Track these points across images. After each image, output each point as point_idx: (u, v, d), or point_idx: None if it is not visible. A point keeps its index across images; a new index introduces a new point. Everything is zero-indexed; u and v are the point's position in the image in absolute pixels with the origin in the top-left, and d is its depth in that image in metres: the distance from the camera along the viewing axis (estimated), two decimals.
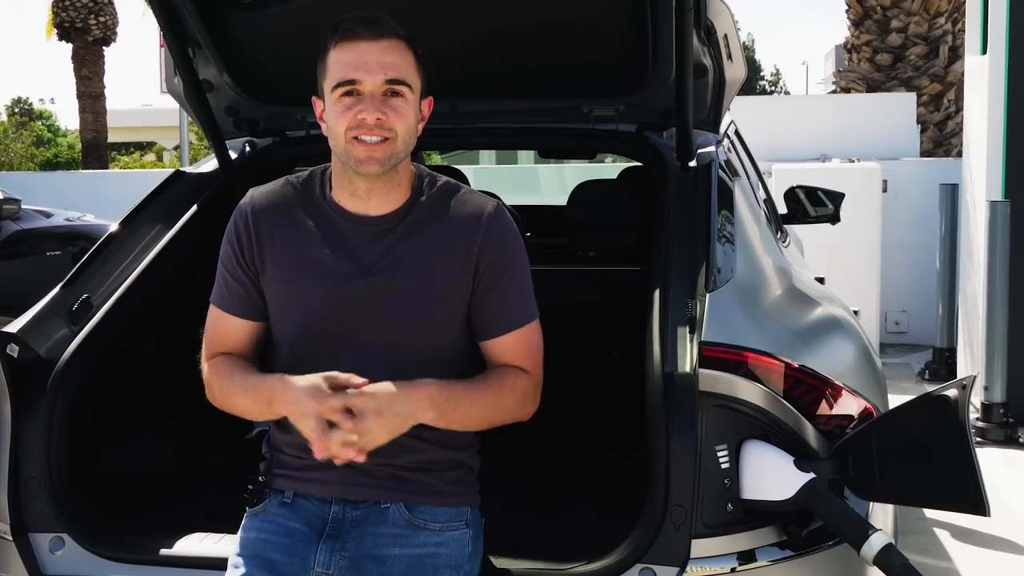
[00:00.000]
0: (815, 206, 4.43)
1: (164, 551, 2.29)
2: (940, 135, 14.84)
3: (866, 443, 2.17)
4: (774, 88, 47.66)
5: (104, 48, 18.53)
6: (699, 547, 2.08)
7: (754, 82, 42.56)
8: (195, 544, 2.31)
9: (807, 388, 2.27)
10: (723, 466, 2.09)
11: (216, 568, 2.10)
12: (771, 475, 2.10)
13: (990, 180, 6.18)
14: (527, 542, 2.32)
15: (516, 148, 11.60)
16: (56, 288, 2.64)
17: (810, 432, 2.19)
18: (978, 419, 5.91)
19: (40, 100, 57.07)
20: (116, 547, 2.31)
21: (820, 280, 3.44)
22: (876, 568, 2.04)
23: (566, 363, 2.49)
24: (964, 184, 7.00)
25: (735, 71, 3.09)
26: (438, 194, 2.08)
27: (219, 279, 2.11)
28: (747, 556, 2.12)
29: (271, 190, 2.11)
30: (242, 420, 2.12)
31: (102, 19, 18.16)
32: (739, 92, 3.28)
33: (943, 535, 4.38)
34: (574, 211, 3.63)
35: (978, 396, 5.93)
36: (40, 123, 38.80)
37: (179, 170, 3.25)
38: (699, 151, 2.90)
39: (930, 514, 4.50)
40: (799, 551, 2.15)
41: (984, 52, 6.35)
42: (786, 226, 4.23)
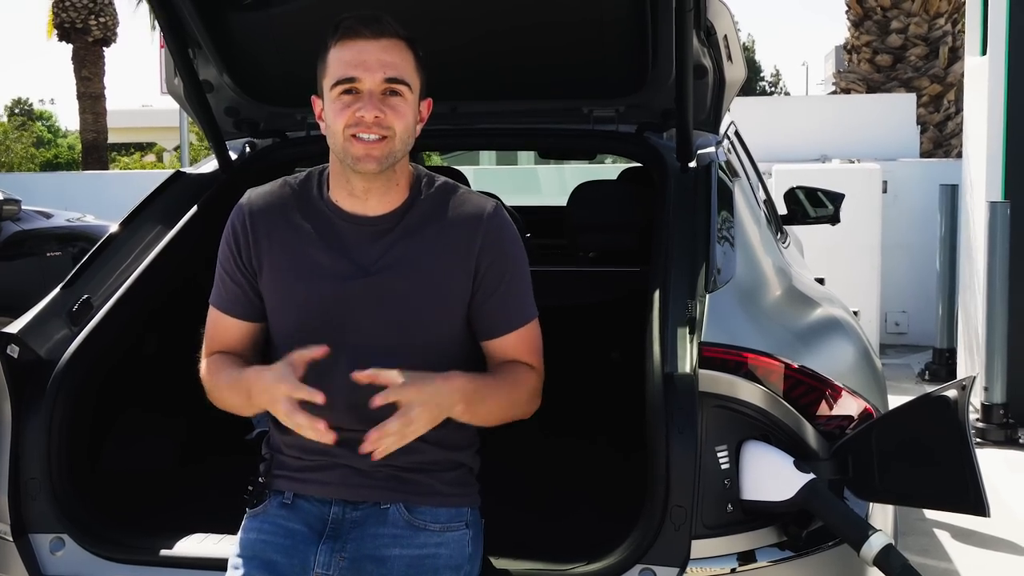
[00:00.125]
0: (815, 207, 4.42)
1: (164, 552, 2.29)
2: (940, 136, 14.84)
3: (866, 444, 2.17)
4: (774, 89, 47.67)
5: (104, 49, 18.53)
6: (699, 548, 2.08)
7: (754, 83, 42.56)
8: (195, 545, 2.31)
9: (807, 389, 2.27)
10: (723, 467, 2.09)
11: (216, 569, 2.10)
12: (771, 476, 2.10)
13: (990, 181, 6.18)
14: (527, 543, 2.32)
15: (516, 149, 11.65)
16: (56, 289, 2.64)
17: (810, 433, 2.19)
18: (978, 420, 5.91)
19: (40, 101, 57.09)
20: (116, 548, 2.31)
21: (820, 281, 3.44)
22: (876, 569, 2.04)
23: (566, 364, 2.49)
24: (964, 185, 7.00)
25: (735, 72, 3.09)
26: (436, 194, 2.08)
27: (217, 280, 2.11)
28: (747, 557, 2.12)
29: (268, 191, 2.11)
30: (242, 421, 2.12)
31: (102, 20, 18.16)
32: (739, 93, 3.29)
33: (943, 536, 4.38)
34: (574, 212, 3.64)
35: (978, 397, 5.93)
36: (40, 124, 38.80)
37: (179, 171, 3.25)
38: (699, 152, 2.90)
39: (930, 515, 4.50)
40: (799, 552, 2.15)
41: (984, 53, 6.35)
42: (786, 227, 4.22)
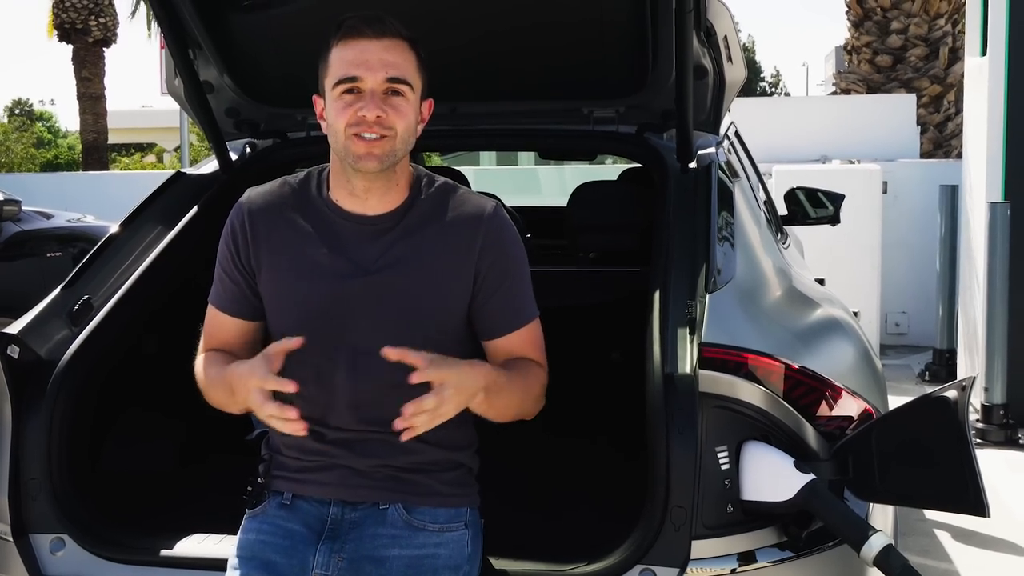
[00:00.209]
0: (815, 207, 4.42)
1: (164, 552, 2.29)
2: (940, 136, 14.84)
3: (866, 444, 2.17)
4: (774, 89, 47.68)
5: (104, 49, 18.54)
6: (699, 548, 2.08)
7: (754, 83, 42.57)
8: (195, 545, 2.31)
9: (807, 389, 2.27)
10: (723, 467, 2.09)
11: (216, 569, 2.10)
12: (771, 476, 2.10)
13: (990, 181, 6.18)
14: (527, 543, 2.32)
15: (516, 150, 11.64)
16: (57, 289, 2.65)
17: (810, 433, 2.19)
18: (978, 420, 5.91)
19: (40, 101, 57.07)
20: (116, 548, 2.31)
21: (820, 281, 3.44)
22: (876, 569, 2.04)
23: (566, 364, 2.48)
24: (964, 185, 7.00)
25: (735, 72, 3.09)
26: (436, 194, 2.08)
27: (215, 278, 2.12)
28: (747, 557, 2.12)
29: (268, 190, 2.11)
30: (242, 421, 2.12)
31: (102, 20, 18.17)
32: (739, 93, 3.29)
33: (943, 536, 4.38)
34: (574, 212, 3.63)
35: (978, 398, 5.93)
36: (40, 124, 38.79)
37: (179, 171, 3.25)
38: (699, 152, 2.90)
39: (930, 515, 4.50)
40: (799, 552, 2.15)
41: (984, 53, 6.35)
42: (786, 227, 4.23)
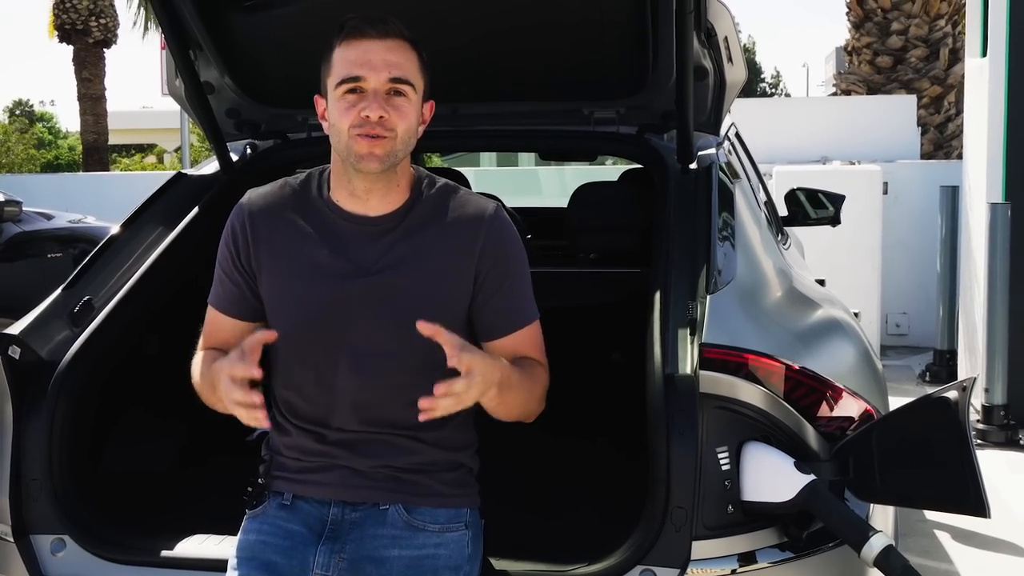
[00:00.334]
0: (816, 208, 4.42)
1: (165, 552, 2.29)
2: (940, 137, 14.85)
3: (866, 445, 2.17)
4: (775, 90, 47.68)
5: (105, 50, 18.54)
6: (700, 549, 2.08)
7: (755, 84, 42.58)
8: (196, 546, 2.31)
9: (808, 390, 2.27)
10: (724, 468, 2.09)
11: (216, 570, 2.10)
12: (772, 477, 2.10)
13: (990, 182, 6.18)
14: (527, 543, 2.32)
15: (517, 150, 11.63)
16: (58, 290, 2.65)
17: (811, 434, 2.19)
18: (979, 421, 5.91)
19: (40, 102, 57.01)
20: (117, 548, 2.31)
21: (821, 282, 3.44)
22: (876, 570, 2.04)
23: (567, 365, 2.48)
24: (964, 186, 7.00)
25: (735, 73, 3.09)
26: (437, 195, 2.08)
27: (215, 279, 2.12)
28: (748, 558, 2.12)
29: (268, 191, 2.11)
30: (243, 422, 2.12)
31: (103, 21, 18.16)
32: (740, 94, 3.29)
33: (944, 537, 4.38)
34: (575, 213, 3.64)
35: (979, 398, 5.93)
36: (41, 125, 38.79)
37: (180, 172, 3.25)
38: (700, 153, 2.90)
39: (931, 516, 4.50)
40: (800, 553, 2.15)
41: (984, 54, 6.35)
42: (787, 228, 4.23)
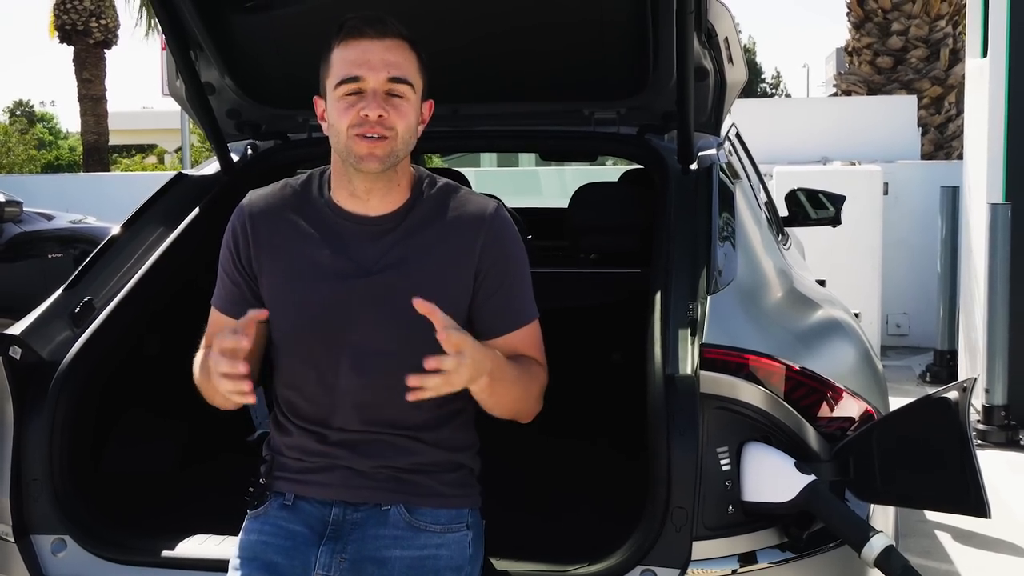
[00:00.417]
0: (816, 208, 4.43)
1: (166, 553, 2.29)
2: (941, 138, 14.85)
3: (867, 445, 2.17)
4: (775, 91, 47.68)
5: (105, 51, 18.54)
6: (700, 549, 2.08)
7: (755, 85, 42.58)
8: (197, 546, 2.31)
9: (808, 390, 2.27)
10: (724, 468, 2.09)
11: (217, 570, 2.10)
12: (772, 477, 2.10)
13: (991, 183, 6.18)
14: (528, 544, 2.32)
15: (517, 151, 11.63)
16: (58, 291, 2.65)
17: (811, 434, 2.19)
18: (979, 422, 5.91)
19: (41, 103, 56.99)
20: (118, 549, 2.31)
21: (821, 283, 3.44)
22: (877, 570, 2.04)
23: (567, 365, 2.49)
24: (965, 187, 7.00)
25: (736, 74, 3.09)
26: (438, 195, 2.08)
27: (218, 280, 2.12)
28: (748, 558, 2.12)
29: (269, 192, 2.12)
30: (244, 422, 2.12)
31: (103, 22, 18.15)
32: (740, 95, 3.29)
33: (944, 537, 4.38)
34: (575, 214, 3.64)
35: (979, 399, 5.93)
36: (41, 125, 38.80)
37: (181, 173, 3.26)
38: (700, 154, 2.90)
39: (931, 516, 4.50)
40: (800, 553, 2.15)
41: (985, 55, 6.35)
42: (787, 229, 4.23)
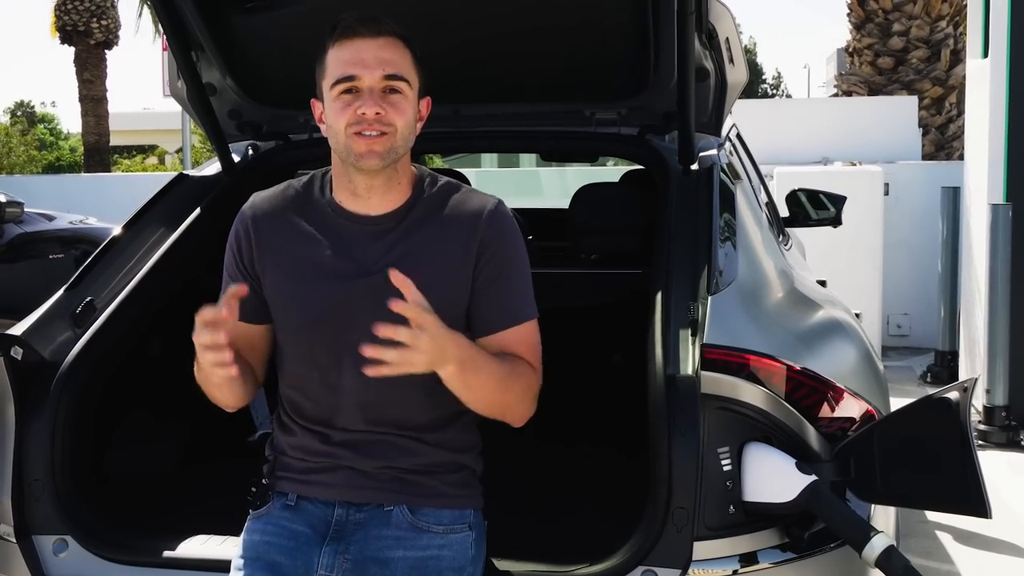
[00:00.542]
0: (817, 209, 4.43)
1: (167, 553, 2.29)
2: (942, 138, 14.84)
3: (868, 445, 2.17)
4: (776, 91, 47.68)
5: (106, 52, 18.55)
6: (701, 549, 2.08)
7: (756, 85, 42.58)
8: (198, 546, 2.31)
9: (809, 390, 2.27)
10: (725, 468, 2.09)
11: (219, 570, 2.10)
12: (773, 477, 2.10)
13: (991, 183, 6.18)
14: (529, 545, 2.32)
15: (518, 151, 11.65)
16: (60, 291, 2.65)
17: (812, 434, 2.19)
18: (980, 422, 5.91)
19: (42, 103, 56.96)
20: (120, 549, 2.31)
21: (822, 283, 3.44)
22: (878, 570, 2.04)
23: (568, 366, 2.49)
24: (965, 187, 7.00)
25: (737, 74, 3.09)
26: (439, 193, 2.08)
27: (223, 283, 2.12)
28: (749, 558, 2.12)
29: (272, 194, 2.12)
30: (246, 422, 2.12)
31: (104, 23, 18.17)
32: (741, 95, 3.29)
33: (945, 538, 4.38)
34: (576, 214, 3.64)
35: (980, 399, 5.93)
36: (42, 126, 38.81)
37: (182, 173, 3.26)
38: (701, 154, 2.90)
39: (932, 517, 4.50)
40: (801, 553, 2.15)
41: (985, 55, 6.35)
42: (788, 229, 4.23)
